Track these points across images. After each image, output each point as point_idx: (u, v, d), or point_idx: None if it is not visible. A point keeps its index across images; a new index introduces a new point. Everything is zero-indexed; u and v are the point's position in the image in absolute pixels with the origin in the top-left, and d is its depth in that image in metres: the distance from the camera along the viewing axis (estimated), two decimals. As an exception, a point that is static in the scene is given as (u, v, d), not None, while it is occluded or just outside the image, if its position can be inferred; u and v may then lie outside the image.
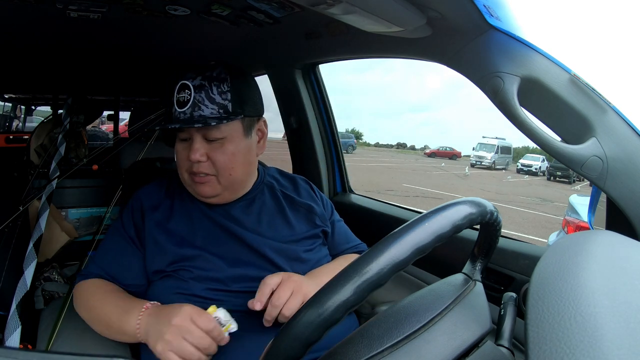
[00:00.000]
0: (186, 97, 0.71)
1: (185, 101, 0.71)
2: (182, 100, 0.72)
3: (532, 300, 0.34)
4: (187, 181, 0.77)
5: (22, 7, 0.90)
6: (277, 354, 0.36)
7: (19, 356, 0.24)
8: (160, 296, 0.71)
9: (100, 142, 3.76)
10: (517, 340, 0.73)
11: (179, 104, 0.72)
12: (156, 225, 0.76)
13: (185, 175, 0.76)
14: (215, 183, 0.75)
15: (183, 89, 0.72)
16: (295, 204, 0.85)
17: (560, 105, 0.62)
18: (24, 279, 1.04)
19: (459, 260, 0.59)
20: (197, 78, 0.71)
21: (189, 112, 0.71)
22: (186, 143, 0.74)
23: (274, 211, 0.83)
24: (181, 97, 0.72)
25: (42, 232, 1.22)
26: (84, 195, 1.84)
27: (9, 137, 3.38)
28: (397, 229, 0.39)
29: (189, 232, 0.76)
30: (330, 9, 0.62)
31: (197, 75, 0.72)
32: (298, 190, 0.89)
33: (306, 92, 1.35)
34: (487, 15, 0.60)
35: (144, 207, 0.79)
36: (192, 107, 0.71)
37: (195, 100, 0.71)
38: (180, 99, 0.72)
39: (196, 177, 0.74)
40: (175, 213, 0.78)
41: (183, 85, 0.72)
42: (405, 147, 39.00)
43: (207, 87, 0.71)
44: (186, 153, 0.74)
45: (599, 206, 0.72)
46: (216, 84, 0.72)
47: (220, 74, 0.72)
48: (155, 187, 0.84)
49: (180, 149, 0.75)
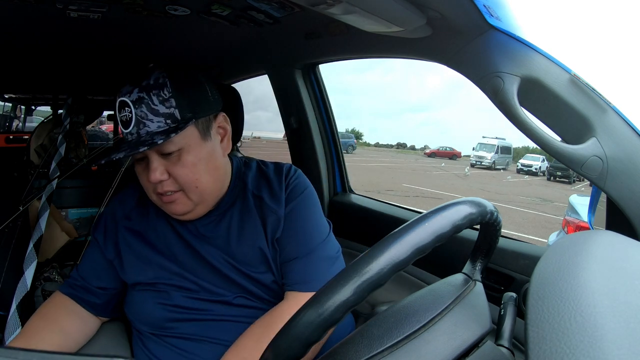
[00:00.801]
0: (128, 115, 0.63)
1: (128, 120, 0.63)
2: (125, 119, 0.64)
3: (532, 300, 0.34)
4: (157, 202, 0.70)
5: (22, 7, 0.90)
6: (277, 354, 0.36)
7: (19, 356, 0.24)
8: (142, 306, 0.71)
9: (100, 142, 3.76)
10: (517, 340, 0.74)
11: (123, 125, 0.65)
12: (133, 235, 0.74)
13: (153, 196, 0.69)
14: (185, 199, 0.68)
15: (123, 107, 0.64)
16: (264, 206, 0.73)
17: (560, 105, 0.62)
18: (24, 279, 1.04)
19: (459, 260, 0.58)
20: (134, 91, 0.63)
21: (134, 131, 0.64)
22: (143, 163, 0.67)
23: (243, 224, 0.73)
24: (123, 116, 0.64)
25: (42, 232, 1.22)
26: (84, 195, 1.84)
27: (9, 137, 3.38)
28: (397, 229, 0.39)
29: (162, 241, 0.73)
30: (330, 9, 0.62)
31: (133, 88, 0.63)
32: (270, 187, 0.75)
33: (306, 92, 1.35)
34: (487, 15, 0.60)
35: (117, 217, 0.77)
36: (137, 125, 0.63)
37: (137, 117, 0.63)
38: (122, 118, 0.64)
39: (164, 197, 0.67)
40: (150, 222, 0.75)
41: (122, 103, 0.64)
42: (405, 147, 39.01)
43: (146, 99, 0.63)
44: (146, 174, 0.66)
45: (599, 206, 0.72)
46: (155, 93, 0.63)
47: (158, 80, 0.63)
48: (128, 195, 0.80)
49: (140, 170, 0.68)
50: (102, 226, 0.78)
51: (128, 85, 0.64)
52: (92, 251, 0.78)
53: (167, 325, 0.69)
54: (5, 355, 0.23)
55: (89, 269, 0.77)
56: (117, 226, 0.76)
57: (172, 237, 0.74)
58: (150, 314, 0.70)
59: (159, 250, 0.73)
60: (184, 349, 0.68)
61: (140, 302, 0.72)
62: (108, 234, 0.76)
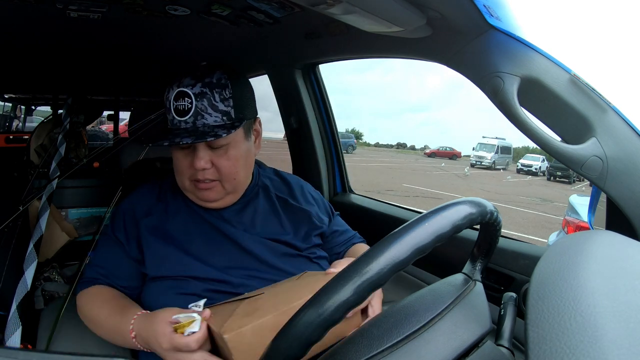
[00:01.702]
0: (186, 105, 0.69)
1: (186, 110, 0.69)
2: (182, 108, 0.70)
3: (532, 300, 0.34)
4: (189, 188, 0.75)
5: (22, 7, 0.90)
6: (277, 354, 0.36)
7: (19, 356, 0.24)
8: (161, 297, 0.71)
9: (100, 142, 3.76)
10: (517, 340, 0.74)
11: (178, 113, 0.70)
12: (152, 231, 0.76)
13: (186, 182, 0.75)
14: (220, 188, 0.75)
15: (182, 97, 0.70)
16: (289, 206, 0.84)
17: (560, 105, 0.62)
18: (24, 279, 1.04)
19: (459, 260, 0.58)
20: (197, 85, 0.69)
21: (191, 121, 0.70)
22: (187, 150, 0.73)
23: (267, 212, 0.82)
24: (180, 105, 0.70)
25: (42, 232, 1.22)
26: (84, 195, 1.84)
27: (9, 137, 3.38)
28: (397, 229, 0.39)
29: (186, 236, 0.75)
30: (330, 9, 0.62)
31: (196, 82, 0.69)
32: (292, 193, 0.88)
33: (306, 92, 1.35)
34: (487, 15, 0.60)
35: (137, 214, 0.77)
36: (195, 116, 0.69)
37: (197, 109, 0.69)
38: (179, 107, 0.70)
39: (201, 184, 0.73)
40: (170, 217, 0.77)
41: (182, 92, 0.70)
42: (405, 147, 39.01)
43: (208, 95, 0.69)
44: (188, 160, 0.72)
45: (599, 206, 0.72)
46: (218, 91, 0.70)
47: (221, 80, 0.71)
48: (147, 191, 0.82)
49: (181, 156, 0.73)
50: (122, 224, 0.77)
51: (190, 78, 0.70)
52: (115, 250, 0.77)
53: None
54: (5, 355, 0.23)
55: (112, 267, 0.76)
56: (137, 223, 0.76)
57: (195, 226, 0.76)
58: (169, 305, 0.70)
59: (180, 244, 0.74)
60: None
61: (160, 293, 0.72)
62: (129, 232, 0.76)
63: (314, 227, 0.84)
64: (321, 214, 0.88)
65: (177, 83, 0.70)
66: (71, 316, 0.78)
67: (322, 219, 0.87)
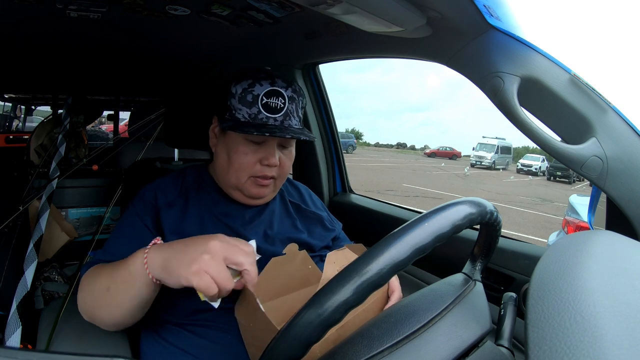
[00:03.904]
0: (279, 104, 0.73)
1: (278, 108, 0.73)
2: (274, 106, 0.73)
3: (532, 300, 0.34)
4: (244, 183, 0.76)
5: (22, 7, 0.90)
6: (277, 354, 0.36)
7: (19, 356, 0.24)
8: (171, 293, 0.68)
9: (100, 142, 3.76)
10: (517, 340, 0.74)
11: (268, 109, 0.73)
12: (170, 225, 0.74)
13: (244, 178, 0.76)
14: (273, 185, 0.79)
15: (275, 95, 0.73)
16: (302, 211, 0.88)
17: (560, 105, 0.62)
18: (24, 279, 1.04)
19: (459, 260, 0.59)
20: (289, 89, 0.74)
21: (280, 119, 0.73)
22: (257, 146, 0.75)
23: (282, 214, 0.85)
24: (272, 102, 0.73)
25: (42, 232, 1.22)
26: (84, 195, 1.84)
27: (9, 137, 3.38)
28: (397, 229, 0.39)
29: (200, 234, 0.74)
30: (330, 9, 0.62)
31: (288, 86, 0.74)
32: (303, 199, 0.92)
33: (306, 92, 1.35)
34: (487, 15, 0.60)
35: (159, 204, 0.76)
36: (284, 116, 0.73)
37: (288, 110, 0.74)
38: (271, 104, 0.72)
39: (262, 181, 0.76)
40: (189, 214, 0.77)
41: (275, 91, 0.73)
42: (405, 147, 39.01)
43: (296, 100, 0.75)
44: (257, 156, 0.75)
45: (599, 206, 0.72)
46: (301, 100, 0.77)
47: (299, 91, 0.77)
48: (171, 183, 0.81)
49: (248, 151, 0.75)
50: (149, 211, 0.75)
51: (282, 80, 0.74)
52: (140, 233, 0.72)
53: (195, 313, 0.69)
54: (5, 355, 0.23)
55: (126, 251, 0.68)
56: (159, 212, 0.75)
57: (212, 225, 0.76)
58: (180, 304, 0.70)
59: None
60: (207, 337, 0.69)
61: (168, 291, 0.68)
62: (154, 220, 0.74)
63: (327, 230, 0.88)
64: (332, 219, 0.93)
65: (270, 81, 0.73)
66: (71, 316, 0.78)
67: (333, 224, 0.91)
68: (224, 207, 0.80)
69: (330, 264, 0.61)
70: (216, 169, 0.82)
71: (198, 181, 0.81)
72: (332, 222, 0.92)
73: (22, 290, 1.01)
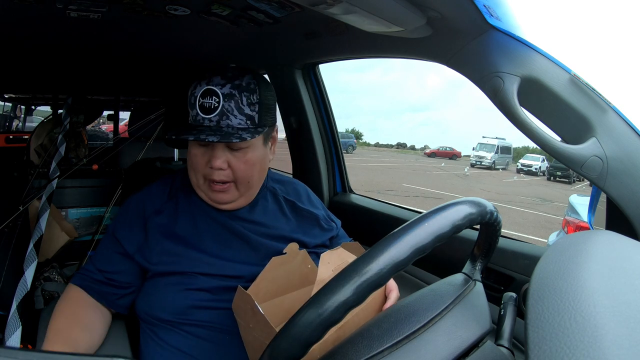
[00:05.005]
0: (213, 104, 0.69)
1: (212, 108, 0.70)
2: (208, 106, 0.70)
3: (532, 300, 0.34)
4: (202, 186, 0.76)
5: (22, 7, 0.90)
6: (277, 354, 0.36)
7: (18, 356, 0.24)
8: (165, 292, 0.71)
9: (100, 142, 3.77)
10: (517, 340, 0.74)
11: (203, 110, 0.70)
12: (162, 230, 0.75)
13: (200, 180, 0.75)
14: (234, 190, 0.75)
15: (209, 95, 0.70)
16: (297, 208, 0.87)
17: (560, 105, 0.62)
18: (24, 279, 1.04)
19: (459, 260, 0.58)
20: (227, 86, 0.70)
21: (215, 119, 0.70)
22: (205, 148, 0.73)
23: (275, 212, 0.84)
24: (207, 102, 0.70)
25: (42, 232, 1.22)
26: (84, 195, 1.84)
27: (9, 137, 3.38)
28: (397, 229, 0.39)
29: (196, 235, 0.75)
30: (330, 9, 0.62)
31: (226, 83, 0.70)
32: (299, 197, 0.90)
33: (306, 92, 1.35)
34: (487, 15, 0.60)
35: (147, 212, 0.77)
36: (220, 115, 0.70)
37: (224, 109, 0.69)
38: (205, 104, 0.70)
39: (215, 186, 0.74)
40: (180, 216, 0.77)
41: (209, 90, 0.70)
42: (405, 147, 39.00)
43: (237, 97, 0.70)
44: (205, 159, 0.72)
45: (599, 206, 0.72)
46: (246, 95, 0.71)
47: (250, 84, 0.71)
48: (159, 189, 0.82)
49: (199, 153, 0.73)
50: (126, 223, 0.77)
51: (220, 77, 0.70)
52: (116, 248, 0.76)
53: (189, 312, 0.70)
54: (5, 355, 0.23)
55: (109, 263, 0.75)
56: (146, 221, 0.76)
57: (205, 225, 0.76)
58: (173, 300, 0.70)
59: (190, 242, 0.74)
60: (203, 337, 0.69)
61: (163, 287, 0.71)
62: (134, 230, 0.76)
63: (323, 229, 0.87)
64: (329, 218, 0.91)
65: (207, 80, 0.71)
66: (71, 316, 0.78)
67: (330, 223, 0.90)
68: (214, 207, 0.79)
69: (325, 264, 0.61)
70: None
71: (186, 184, 0.80)
72: (330, 221, 0.90)
73: (22, 290, 1.01)
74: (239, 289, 0.59)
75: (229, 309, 0.65)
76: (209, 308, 0.70)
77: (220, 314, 0.69)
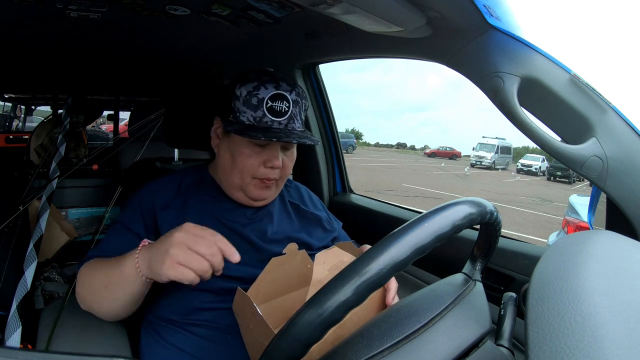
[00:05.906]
0: (284, 108, 0.73)
1: (283, 112, 0.73)
2: (279, 110, 0.73)
3: (532, 300, 0.34)
4: (248, 184, 0.77)
5: (22, 7, 0.90)
6: (277, 354, 0.36)
7: (18, 356, 0.24)
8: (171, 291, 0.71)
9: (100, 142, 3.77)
10: (517, 340, 0.74)
11: (273, 113, 0.73)
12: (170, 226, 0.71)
13: (247, 178, 0.76)
14: (275, 187, 0.80)
15: (280, 99, 0.73)
16: (301, 211, 0.88)
17: (560, 105, 0.62)
18: (24, 279, 1.04)
19: (459, 260, 0.58)
20: (293, 92, 0.74)
21: (284, 123, 0.73)
22: (260, 149, 0.75)
23: (281, 213, 0.85)
24: (277, 106, 0.73)
25: (42, 232, 1.22)
26: (84, 195, 1.84)
27: (9, 137, 3.38)
28: (397, 229, 0.39)
29: None
30: (330, 9, 0.62)
31: (292, 89, 0.74)
32: (302, 200, 0.91)
33: (306, 92, 1.35)
34: (487, 15, 0.60)
35: (156, 206, 0.76)
36: (289, 119, 0.74)
37: (292, 113, 0.74)
38: (275, 107, 0.73)
39: (266, 182, 0.77)
40: (189, 214, 0.77)
41: (280, 95, 0.73)
42: (405, 147, 39.02)
43: (300, 104, 0.75)
44: (261, 158, 0.75)
45: (599, 206, 0.72)
46: (303, 102, 0.77)
47: (302, 94, 0.77)
48: (166, 185, 0.81)
49: (252, 153, 0.75)
50: (139, 215, 0.76)
51: (286, 84, 0.74)
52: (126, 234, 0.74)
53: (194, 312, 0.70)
54: (5, 355, 0.23)
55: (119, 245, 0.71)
56: (156, 215, 0.75)
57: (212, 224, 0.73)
58: (181, 300, 0.70)
59: None
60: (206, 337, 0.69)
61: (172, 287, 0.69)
62: (148, 223, 0.75)
63: (326, 231, 0.88)
64: (331, 219, 0.92)
65: (274, 85, 0.73)
66: (71, 316, 0.78)
67: (332, 224, 0.91)
68: (224, 207, 0.80)
69: (320, 264, 0.61)
70: (218, 170, 0.82)
71: (198, 181, 0.81)
72: (331, 222, 0.91)
73: (22, 290, 1.01)
74: (238, 291, 0.60)
75: (232, 310, 0.65)
76: (212, 309, 0.70)
77: (223, 314, 0.69)
